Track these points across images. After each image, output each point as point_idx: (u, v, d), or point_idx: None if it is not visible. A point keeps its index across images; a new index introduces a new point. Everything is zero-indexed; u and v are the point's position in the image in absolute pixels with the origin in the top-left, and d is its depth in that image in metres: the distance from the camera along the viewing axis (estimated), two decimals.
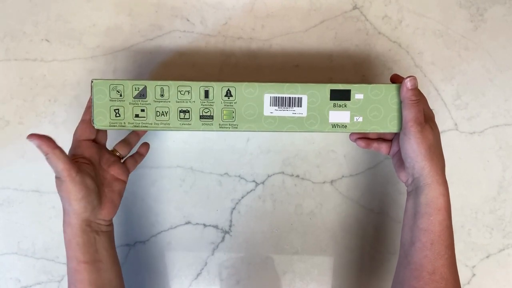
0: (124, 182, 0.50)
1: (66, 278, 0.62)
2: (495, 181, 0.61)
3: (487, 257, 0.63)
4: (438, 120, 0.60)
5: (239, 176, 0.61)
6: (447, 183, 0.45)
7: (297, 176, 0.61)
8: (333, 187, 0.61)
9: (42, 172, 0.60)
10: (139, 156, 0.54)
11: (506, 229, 0.62)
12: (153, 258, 0.62)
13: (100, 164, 0.48)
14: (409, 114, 0.44)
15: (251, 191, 0.61)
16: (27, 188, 0.60)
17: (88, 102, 0.48)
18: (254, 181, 0.61)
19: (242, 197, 0.61)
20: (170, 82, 0.44)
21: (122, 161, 0.52)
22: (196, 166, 0.60)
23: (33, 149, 0.59)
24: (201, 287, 0.63)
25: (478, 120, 0.60)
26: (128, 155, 0.54)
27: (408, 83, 0.44)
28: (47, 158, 0.42)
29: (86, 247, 0.45)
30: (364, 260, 0.63)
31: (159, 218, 0.61)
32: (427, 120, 0.45)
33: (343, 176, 0.61)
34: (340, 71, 0.59)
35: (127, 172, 0.51)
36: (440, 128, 0.60)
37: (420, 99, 0.45)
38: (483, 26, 0.58)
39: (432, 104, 0.60)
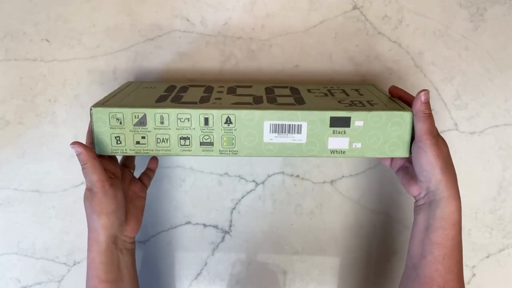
0: (144, 199, 0.51)
1: (66, 278, 0.62)
2: (495, 181, 0.61)
3: (487, 257, 0.63)
4: (438, 120, 0.60)
5: (239, 176, 0.61)
6: (460, 197, 0.45)
7: (297, 176, 0.61)
8: (333, 187, 0.61)
9: (42, 172, 0.60)
10: (151, 172, 0.56)
11: (506, 229, 0.62)
12: (153, 258, 0.62)
13: (123, 180, 0.49)
14: (424, 127, 0.44)
15: (251, 191, 0.61)
16: (27, 188, 0.60)
17: (89, 127, 0.48)
18: (254, 181, 0.61)
19: (242, 197, 0.61)
20: (170, 110, 0.44)
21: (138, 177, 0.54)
22: (196, 166, 0.60)
23: (33, 149, 0.59)
24: (201, 287, 0.63)
25: (478, 120, 0.60)
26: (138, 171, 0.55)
27: (422, 97, 0.43)
28: (83, 168, 0.43)
29: (109, 266, 0.45)
30: (364, 260, 0.63)
31: (159, 218, 0.61)
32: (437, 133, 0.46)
33: (343, 176, 0.61)
34: (340, 71, 0.59)
35: (145, 188, 0.52)
36: (440, 128, 0.60)
37: (431, 112, 0.45)
38: (483, 26, 0.58)
39: (432, 104, 0.60)
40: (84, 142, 0.47)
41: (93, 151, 0.43)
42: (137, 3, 0.57)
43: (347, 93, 0.51)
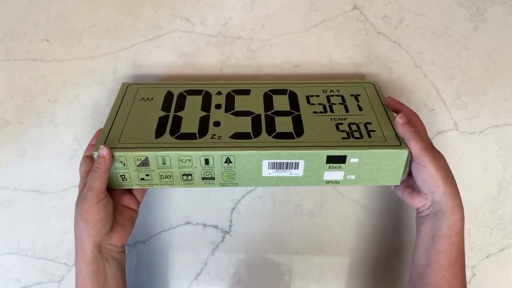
0: (135, 212, 0.51)
1: (66, 278, 0.62)
2: (495, 181, 0.61)
3: (487, 257, 0.63)
4: (438, 120, 0.60)
5: None
6: (463, 206, 0.46)
7: None
8: (333, 187, 0.61)
9: (42, 172, 0.60)
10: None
11: (506, 229, 0.62)
12: (153, 258, 0.62)
13: (115, 190, 0.49)
14: (416, 144, 0.44)
15: (251, 191, 0.61)
16: (27, 188, 0.60)
17: (91, 139, 0.49)
18: None
19: (242, 197, 0.61)
20: (171, 152, 0.45)
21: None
22: None
23: (33, 149, 0.59)
24: (201, 287, 0.63)
25: (478, 120, 0.60)
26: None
27: (400, 120, 0.45)
28: (94, 170, 0.44)
29: (96, 276, 0.46)
30: (364, 260, 0.63)
31: (159, 218, 0.61)
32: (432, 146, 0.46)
33: None
34: (340, 71, 0.59)
35: (137, 202, 0.52)
36: (440, 128, 0.60)
37: (418, 129, 0.45)
38: (483, 26, 0.58)
39: (432, 104, 0.60)
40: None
41: (112, 162, 0.44)
42: (137, 3, 0.57)
43: (347, 106, 0.52)
